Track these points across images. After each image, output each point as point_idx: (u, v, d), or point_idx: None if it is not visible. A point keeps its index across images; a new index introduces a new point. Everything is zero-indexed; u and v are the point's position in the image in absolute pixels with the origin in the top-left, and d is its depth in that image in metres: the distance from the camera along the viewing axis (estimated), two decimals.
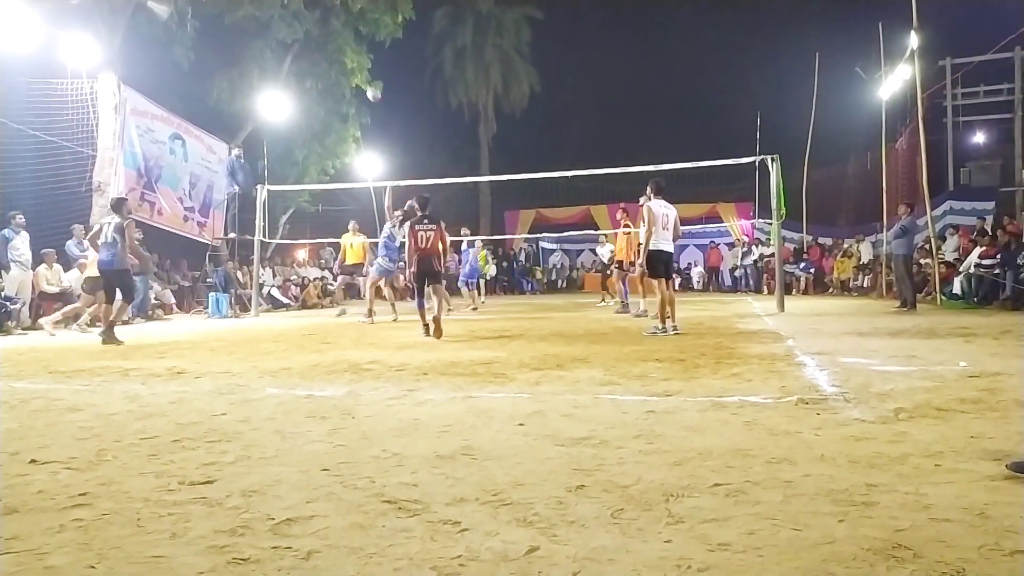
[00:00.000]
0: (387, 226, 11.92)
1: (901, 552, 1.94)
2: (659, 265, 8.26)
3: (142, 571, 1.91)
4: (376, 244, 12.71)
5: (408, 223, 9.04)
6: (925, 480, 2.59)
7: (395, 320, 11.73)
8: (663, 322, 8.18)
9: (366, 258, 14.03)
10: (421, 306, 8.80)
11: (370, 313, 11.78)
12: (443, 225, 8.90)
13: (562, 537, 2.11)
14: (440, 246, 8.73)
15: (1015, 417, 3.61)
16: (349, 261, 14.22)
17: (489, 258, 21.04)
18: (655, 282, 8.41)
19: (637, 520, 2.25)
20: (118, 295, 9.16)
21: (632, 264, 11.76)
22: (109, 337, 8.71)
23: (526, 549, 2.02)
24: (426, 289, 8.96)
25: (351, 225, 14.20)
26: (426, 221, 8.76)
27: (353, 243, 14.13)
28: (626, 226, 12.67)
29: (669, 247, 8.32)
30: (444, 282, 9.15)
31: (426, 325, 8.60)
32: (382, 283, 12.39)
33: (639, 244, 8.97)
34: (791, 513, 2.28)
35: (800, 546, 2.01)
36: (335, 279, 17.16)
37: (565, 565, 1.91)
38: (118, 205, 9.51)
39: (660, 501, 2.42)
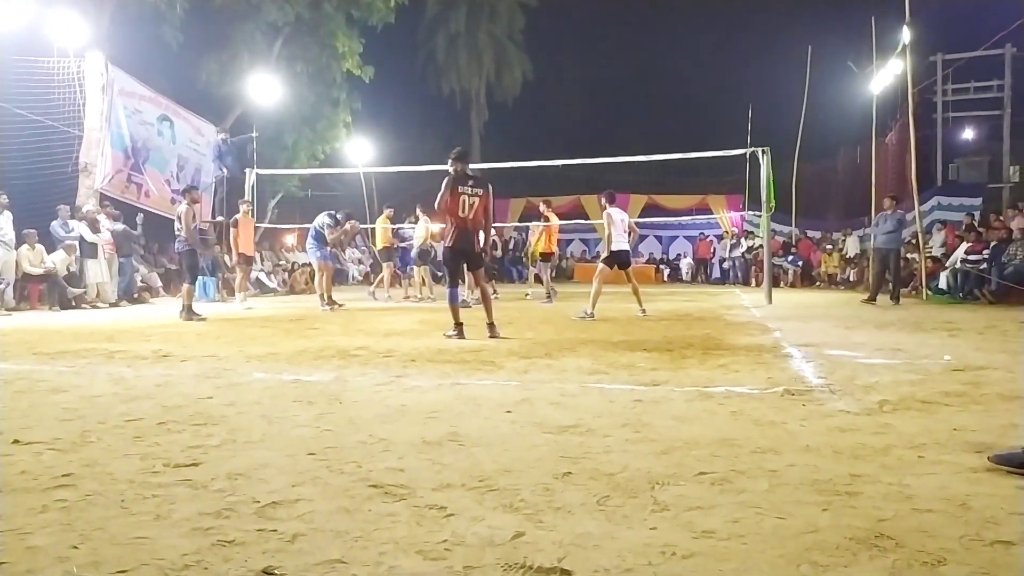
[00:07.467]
0: (322, 217, 12.15)
1: (883, 541, 1.96)
2: (615, 262, 9.44)
3: (126, 552, 1.90)
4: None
5: (447, 182, 6.94)
6: (908, 471, 2.62)
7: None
8: (592, 307, 9.03)
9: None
10: (455, 298, 7.12)
11: (330, 301, 11.77)
12: (491, 189, 7.10)
13: (548, 523, 2.12)
14: (485, 218, 7.06)
15: (998, 410, 3.64)
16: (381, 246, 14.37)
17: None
18: (597, 275, 9.47)
19: (623, 507, 2.26)
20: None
21: (551, 255, 13.55)
22: (188, 315, 9.46)
23: (512, 534, 2.03)
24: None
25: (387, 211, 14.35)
26: (471, 182, 6.96)
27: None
28: (546, 219, 13.32)
29: (626, 246, 9.63)
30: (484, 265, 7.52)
31: (459, 324, 6.98)
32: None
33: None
34: (775, 502, 2.29)
35: (784, 535, 2.02)
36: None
37: (551, 550, 1.91)
38: (183, 192, 10.41)
39: (646, 489, 2.43)
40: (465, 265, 7.47)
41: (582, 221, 22.78)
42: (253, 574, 1.77)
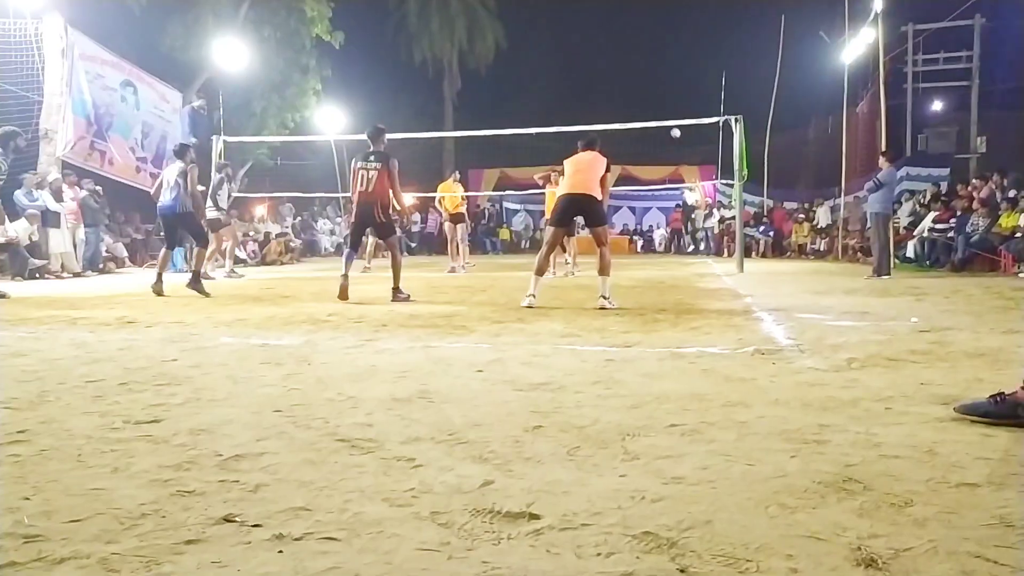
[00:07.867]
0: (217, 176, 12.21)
1: (852, 485, 1.97)
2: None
3: (80, 503, 1.84)
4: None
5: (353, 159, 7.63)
6: (876, 421, 2.63)
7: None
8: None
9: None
10: (349, 258, 7.64)
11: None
12: (395, 165, 7.44)
13: (517, 472, 2.10)
14: (387, 192, 7.41)
15: (964, 366, 3.69)
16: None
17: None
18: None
19: (593, 456, 2.24)
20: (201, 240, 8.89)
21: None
22: (195, 285, 8.29)
23: (480, 483, 2.00)
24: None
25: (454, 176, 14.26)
26: (372, 158, 7.40)
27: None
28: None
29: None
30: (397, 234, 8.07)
31: (345, 278, 7.33)
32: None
33: None
34: (745, 450, 2.29)
35: (753, 479, 2.02)
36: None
37: (519, 496, 1.89)
38: (181, 152, 8.88)
39: (616, 440, 2.42)
40: (377, 234, 7.93)
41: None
42: (213, 521, 1.72)
